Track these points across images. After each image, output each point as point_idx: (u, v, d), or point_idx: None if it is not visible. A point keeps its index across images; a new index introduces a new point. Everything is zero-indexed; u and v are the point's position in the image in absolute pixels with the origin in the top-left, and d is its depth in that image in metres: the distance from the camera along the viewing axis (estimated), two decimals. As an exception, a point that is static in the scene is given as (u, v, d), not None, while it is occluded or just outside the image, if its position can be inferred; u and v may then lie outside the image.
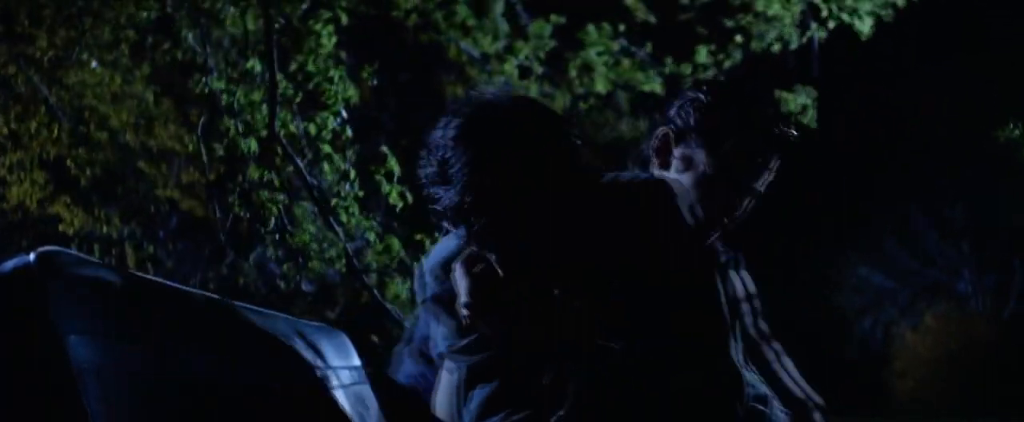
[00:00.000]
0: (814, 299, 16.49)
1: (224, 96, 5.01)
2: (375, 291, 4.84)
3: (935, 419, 10.79)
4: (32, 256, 1.73)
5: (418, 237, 5.00)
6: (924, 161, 15.97)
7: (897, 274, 18.03)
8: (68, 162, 9.83)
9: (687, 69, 9.24)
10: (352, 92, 4.87)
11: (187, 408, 1.84)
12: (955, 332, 14.77)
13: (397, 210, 4.95)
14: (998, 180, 15.76)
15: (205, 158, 6.25)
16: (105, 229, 10.67)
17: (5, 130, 9.25)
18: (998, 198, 16.46)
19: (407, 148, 14.41)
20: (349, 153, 4.96)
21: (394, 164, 4.87)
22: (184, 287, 2.07)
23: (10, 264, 1.73)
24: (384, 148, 4.89)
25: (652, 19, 9.62)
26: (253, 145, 4.76)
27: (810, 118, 9.44)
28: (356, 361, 2.03)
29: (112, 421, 1.70)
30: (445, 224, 1.95)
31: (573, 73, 9.35)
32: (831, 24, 8.84)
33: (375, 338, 5.66)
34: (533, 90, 9.69)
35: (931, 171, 16.21)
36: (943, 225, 18.10)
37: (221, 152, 5.57)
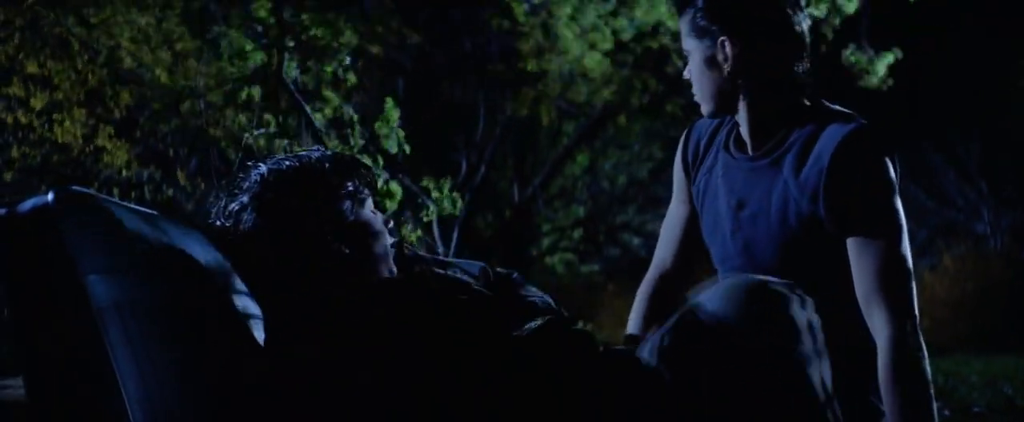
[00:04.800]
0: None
1: (225, 40, 4.96)
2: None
3: (952, 359, 10.80)
4: (50, 196, 1.73)
5: (424, 183, 4.94)
6: (940, 98, 15.83)
7: (914, 214, 17.96)
8: (107, 101, 9.85)
9: None
10: (349, 36, 4.81)
11: (205, 341, 1.86)
12: (972, 272, 14.70)
13: (399, 159, 4.90)
14: (1016, 118, 15.62)
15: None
16: (124, 172, 10.69)
17: (37, 70, 9.25)
18: (1016, 137, 16.32)
19: (426, 90, 14.37)
20: (354, 100, 4.91)
21: (393, 112, 4.81)
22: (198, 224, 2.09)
23: (29, 203, 1.73)
24: (388, 99, 4.83)
25: None
26: (256, 92, 4.71)
27: (879, 81, 9.24)
28: None
29: (132, 358, 1.71)
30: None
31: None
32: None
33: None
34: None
35: (947, 109, 16.07)
36: (960, 164, 17.98)
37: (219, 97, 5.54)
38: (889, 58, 9.31)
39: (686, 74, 2.31)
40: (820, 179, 2.14)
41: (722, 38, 2.19)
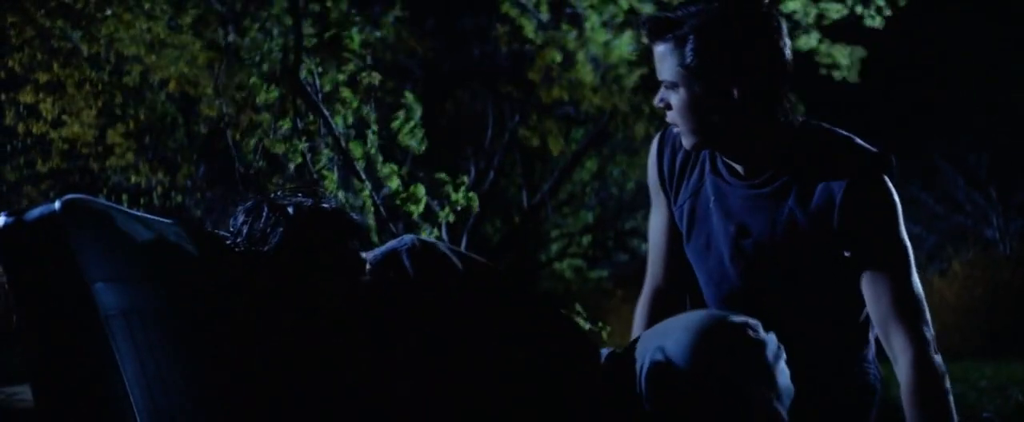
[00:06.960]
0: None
1: (246, 41, 4.95)
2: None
3: (961, 364, 10.76)
4: (57, 204, 1.73)
5: (440, 175, 4.87)
6: (950, 105, 15.82)
7: (924, 219, 17.90)
8: (117, 110, 9.90)
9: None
10: (355, 40, 4.78)
11: (211, 348, 1.86)
12: (982, 277, 14.64)
13: (416, 155, 4.85)
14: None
15: (224, 108, 6.22)
16: (133, 179, 10.72)
17: (44, 78, 9.29)
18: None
19: (435, 97, 14.39)
20: (370, 104, 4.87)
21: (416, 107, 4.75)
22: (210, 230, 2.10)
23: (36, 212, 1.73)
24: (408, 94, 4.79)
25: None
26: (274, 94, 4.69)
27: (851, 74, 9.28)
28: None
29: (139, 364, 1.71)
30: None
31: None
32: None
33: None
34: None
35: (957, 115, 16.06)
36: (969, 170, 17.95)
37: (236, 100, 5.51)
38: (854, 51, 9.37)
39: (658, 102, 2.21)
40: (833, 212, 2.15)
41: (724, 76, 2.11)
